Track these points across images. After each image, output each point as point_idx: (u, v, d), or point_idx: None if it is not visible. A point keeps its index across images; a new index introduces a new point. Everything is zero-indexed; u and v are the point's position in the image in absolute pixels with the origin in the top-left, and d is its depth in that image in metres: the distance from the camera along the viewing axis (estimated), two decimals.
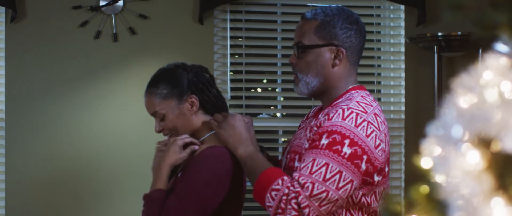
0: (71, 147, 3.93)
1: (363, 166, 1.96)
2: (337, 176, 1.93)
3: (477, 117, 0.71)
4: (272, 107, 4.42)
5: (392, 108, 4.27)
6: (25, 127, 3.91)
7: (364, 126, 1.97)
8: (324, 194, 1.92)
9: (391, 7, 4.24)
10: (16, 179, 3.90)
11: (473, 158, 0.71)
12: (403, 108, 4.22)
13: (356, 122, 1.97)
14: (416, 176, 0.78)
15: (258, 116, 4.29)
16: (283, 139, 4.29)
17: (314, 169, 1.93)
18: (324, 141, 1.95)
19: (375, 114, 2.03)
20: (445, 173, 0.73)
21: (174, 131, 2.29)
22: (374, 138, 1.98)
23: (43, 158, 3.91)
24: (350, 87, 2.11)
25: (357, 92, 2.09)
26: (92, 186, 3.95)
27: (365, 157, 1.96)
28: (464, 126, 0.72)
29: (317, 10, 2.11)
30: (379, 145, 1.99)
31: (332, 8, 2.12)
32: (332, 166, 1.93)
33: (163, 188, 2.19)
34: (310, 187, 1.91)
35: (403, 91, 4.23)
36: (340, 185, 1.93)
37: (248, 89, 4.23)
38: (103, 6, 3.94)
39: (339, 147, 1.94)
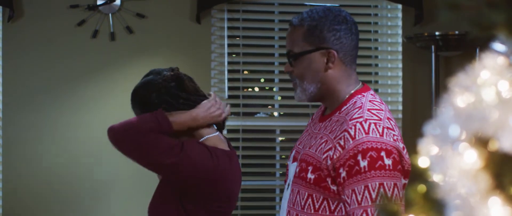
0: (69, 147, 3.93)
1: (402, 168, 1.95)
2: (396, 189, 1.91)
3: (474, 116, 0.71)
4: (269, 106, 4.42)
5: (389, 107, 4.27)
6: (22, 126, 3.91)
7: (386, 133, 1.94)
8: None
9: (389, 7, 4.25)
10: (13, 179, 3.89)
11: (470, 158, 0.71)
12: (400, 107, 4.23)
13: (379, 132, 1.93)
14: (413, 175, 0.79)
15: (255, 116, 4.29)
16: (280, 139, 4.29)
17: (373, 196, 1.90)
18: (364, 163, 1.90)
19: (388, 118, 2.00)
20: (442, 172, 0.73)
21: None
22: (398, 141, 1.97)
23: (40, 157, 3.91)
24: (352, 90, 2.07)
25: (363, 96, 2.05)
26: (89, 186, 3.94)
27: (401, 159, 1.95)
28: (461, 126, 0.72)
29: (303, 14, 2.08)
30: (403, 147, 1.98)
31: (318, 10, 2.08)
32: (386, 183, 1.90)
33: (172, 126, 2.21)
34: None
35: (400, 90, 4.23)
36: (401, 195, 1.92)
37: (246, 89, 4.23)
38: (100, 5, 3.94)
39: (380, 162, 1.90)
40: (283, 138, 4.31)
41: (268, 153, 4.28)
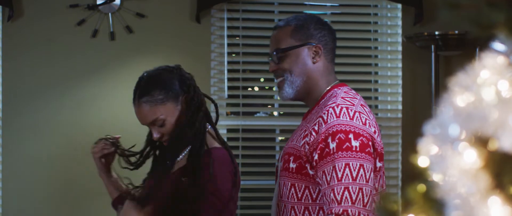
0: (68, 146, 3.92)
1: (372, 151, 2.06)
2: (361, 170, 2.02)
3: (474, 116, 0.71)
4: (269, 106, 4.41)
5: (389, 107, 4.27)
6: (22, 126, 3.90)
7: (357, 117, 2.07)
8: (361, 193, 1.99)
9: (388, 6, 4.24)
10: (12, 178, 3.89)
11: (470, 157, 0.71)
12: (400, 107, 4.23)
13: (349, 116, 2.06)
14: (413, 175, 0.79)
15: (255, 115, 4.29)
16: (280, 138, 4.29)
17: (340, 175, 2.00)
18: (332, 145, 2.03)
19: (361, 105, 2.13)
20: (442, 172, 0.73)
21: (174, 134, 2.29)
22: (369, 125, 2.08)
23: (39, 156, 3.91)
24: (332, 85, 2.22)
25: (340, 89, 2.19)
26: (89, 185, 3.94)
27: (370, 143, 2.06)
28: (461, 125, 0.72)
29: (288, 18, 2.26)
30: (375, 131, 2.09)
31: (302, 15, 2.30)
32: (352, 164, 2.01)
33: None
34: (347, 194, 1.99)
35: (400, 90, 4.23)
36: (367, 176, 2.02)
37: (245, 88, 4.23)
38: (100, 4, 3.93)
39: (348, 143, 2.02)
40: (283, 138, 4.31)
41: (268, 152, 4.28)
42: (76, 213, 3.94)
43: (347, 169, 2.00)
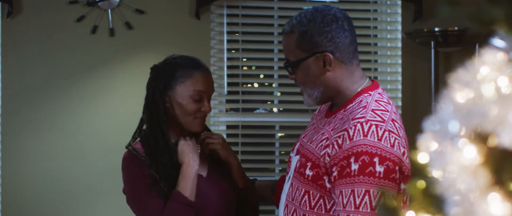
0: (68, 143, 3.92)
1: (398, 176, 1.89)
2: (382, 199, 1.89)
3: (473, 112, 0.71)
4: (268, 102, 4.41)
5: None
6: (21, 122, 3.90)
7: (386, 137, 1.89)
8: None
9: (388, 2, 4.24)
10: (12, 176, 3.89)
11: (470, 153, 0.71)
12: (399, 103, 4.23)
13: (378, 135, 1.89)
14: (413, 171, 0.79)
15: (255, 111, 4.29)
16: (280, 134, 4.30)
17: (358, 202, 1.86)
18: (355, 167, 1.86)
19: (392, 120, 1.96)
20: (441, 168, 0.73)
21: None
22: (398, 147, 1.91)
23: (39, 153, 3.90)
24: (359, 87, 2.05)
25: (370, 95, 2.02)
26: (89, 183, 3.94)
27: (397, 167, 1.88)
28: (460, 121, 0.72)
29: (293, 21, 2.05)
30: (404, 152, 1.92)
31: (307, 14, 2.04)
32: (373, 191, 1.86)
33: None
34: None
35: (400, 86, 4.23)
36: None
37: (245, 84, 4.23)
38: (99, 1, 3.93)
39: (371, 168, 1.85)
40: (283, 134, 4.31)
41: (268, 149, 4.28)
42: (76, 211, 3.94)
43: (367, 197, 1.84)
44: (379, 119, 1.92)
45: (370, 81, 2.09)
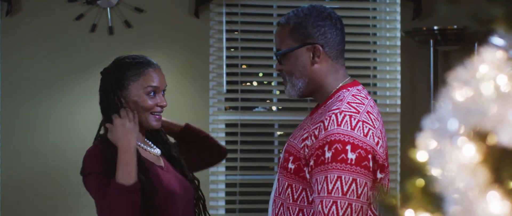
0: (67, 140, 3.92)
1: (371, 164, 1.98)
2: (353, 185, 1.95)
3: (473, 110, 0.71)
4: (268, 101, 4.42)
5: (387, 102, 4.27)
6: (20, 120, 3.90)
7: (360, 127, 1.98)
8: (349, 209, 1.94)
9: (387, 1, 4.24)
10: (11, 173, 3.89)
11: (469, 152, 0.71)
12: (398, 102, 4.23)
13: (351, 125, 1.98)
14: (412, 169, 0.79)
15: (254, 110, 4.29)
16: (278, 133, 4.30)
17: (330, 187, 1.95)
18: (328, 154, 1.96)
19: (367, 112, 2.04)
20: (440, 166, 0.73)
21: None
22: (372, 136, 1.99)
23: (38, 151, 3.90)
24: (340, 84, 2.13)
25: (348, 90, 2.10)
26: None
27: (369, 156, 1.97)
28: (459, 120, 0.72)
29: (289, 14, 2.17)
30: (378, 142, 2.01)
31: (303, 9, 2.16)
32: (345, 177, 1.94)
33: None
34: (334, 209, 1.94)
35: (399, 85, 4.23)
36: (359, 192, 1.95)
37: (244, 83, 4.23)
38: None
39: (343, 155, 1.95)
40: (282, 132, 4.31)
41: (267, 147, 4.28)
42: (75, 209, 3.94)
43: (338, 182, 1.94)
44: (354, 110, 2.02)
45: (350, 79, 2.17)
